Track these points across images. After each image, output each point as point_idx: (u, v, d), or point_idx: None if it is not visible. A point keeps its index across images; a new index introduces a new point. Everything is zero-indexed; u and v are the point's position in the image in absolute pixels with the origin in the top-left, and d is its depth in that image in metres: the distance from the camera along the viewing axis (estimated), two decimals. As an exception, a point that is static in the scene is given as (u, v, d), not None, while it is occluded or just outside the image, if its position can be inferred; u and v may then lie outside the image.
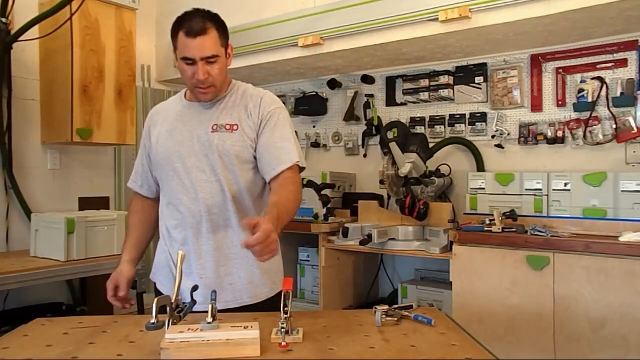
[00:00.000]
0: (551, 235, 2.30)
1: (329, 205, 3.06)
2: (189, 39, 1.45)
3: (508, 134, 2.96)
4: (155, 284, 1.70)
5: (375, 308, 1.32)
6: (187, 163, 1.55)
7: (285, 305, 1.18)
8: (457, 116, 3.15)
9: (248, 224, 1.16)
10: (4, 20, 2.79)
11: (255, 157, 1.56)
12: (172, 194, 1.59)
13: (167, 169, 1.59)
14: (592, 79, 2.69)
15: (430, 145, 3.08)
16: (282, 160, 1.52)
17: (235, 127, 1.54)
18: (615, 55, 2.64)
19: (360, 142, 3.52)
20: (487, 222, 2.47)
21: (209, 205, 1.53)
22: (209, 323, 1.12)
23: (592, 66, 2.71)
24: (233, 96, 1.61)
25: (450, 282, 2.52)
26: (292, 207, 1.44)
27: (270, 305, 1.52)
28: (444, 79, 3.14)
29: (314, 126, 3.75)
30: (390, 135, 2.96)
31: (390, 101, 3.42)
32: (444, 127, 3.20)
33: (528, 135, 2.88)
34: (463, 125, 3.12)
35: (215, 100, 1.59)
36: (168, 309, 1.17)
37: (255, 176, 1.59)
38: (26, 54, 3.03)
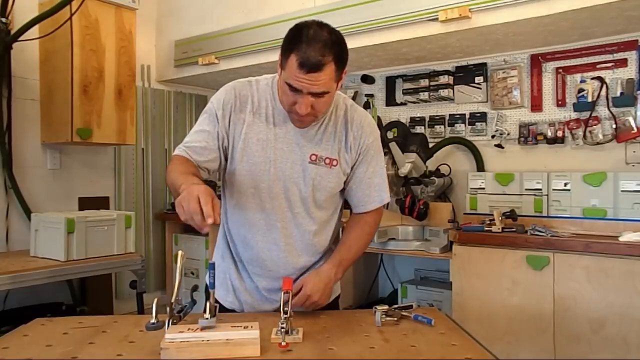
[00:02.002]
0: (551, 235, 2.30)
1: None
2: (301, 72, 1.24)
3: (508, 134, 2.96)
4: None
5: (375, 308, 1.31)
6: (274, 188, 1.42)
7: (285, 306, 1.18)
8: (457, 116, 3.14)
9: (296, 286, 1.29)
10: (4, 20, 2.80)
11: (343, 185, 1.50)
12: (247, 212, 1.45)
13: (248, 185, 1.43)
14: (592, 79, 2.69)
15: (430, 145, 3.08)
16: (372, 199, 1.50)
17: (334, 163, 1.43)
18: (615, 55, 2.64)
19: (360, 142, 3.51)
20: (487, 222, 2.47)
21: (286, 235, 1.45)
22: (207, 319, 1.12)
23: (592, 66, 2.70)
24: (333, 118, 1.45)
25: (450, 282, 2.52)
26: (361, 246, 1.52)
27: (329, 309, 1.51)
28: (444, 79, 3.14)
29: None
30: (390, 135, 2.96)
31: (390, 101, 3.42)
32: (444, 127, 3.20)
33: (528, 135, 2.88)
34: (463, 125, 3.12)
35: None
36: (168, 309, 1.17)
37: (338, 202, 1.53)
38: (26, 54, 3.03)
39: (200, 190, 1.13)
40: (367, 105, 3.45)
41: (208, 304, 1.16)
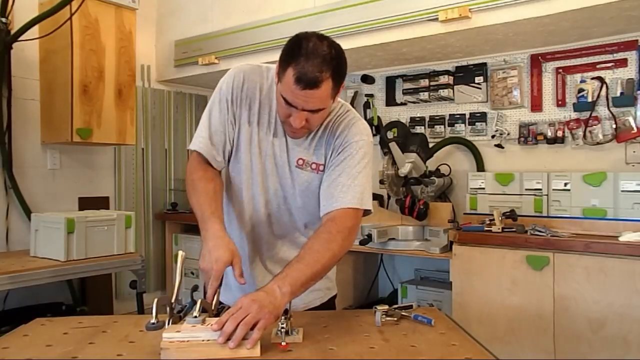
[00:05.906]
0: (551, 235, 2.30)
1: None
2: (298, 88, 1.21)
3: (508, 134, 2.96)
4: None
5: (375, 308, 1.31)
6: (266, 185, 1.43)
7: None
8: (457, 116, 3.14)
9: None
10: (4, 20, 2.79)
11: None
12: (239, 209, 1.48)
13: (244, 178, 1.44)
14: (592, 79, 2.69)
15: (430, 145, 3.08)
16: (335, 199, 1.34)
17: (321, 168, 1.41)
18: (615, 55, 2.64)
19: (360, 142, 3.51)
20: (487, 222, 2.47)
21: (276, 237, 1.47)
22: (195, 317, 1.12)
23: (592, 66, 2.70)
24: (325, 123, 1.41)
25: (450, 282, 2.52)
26: (317, 258, 1.26)
27: (324, 309, 1.51)
28: (444, 79, 3.14)
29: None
30: (390, 135, 2.97)
31: (390, 101, 3.42)
32: (444, 127, 3.20)
33: (528, 135, 2.88)
34: (463, 125, 3.12)
35: None
36: (168, 309, 1.17)
37: None
38: (26, 54, 3.03)
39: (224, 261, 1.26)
40: (367, 105, 3.45)
41: (199, 302, 1.16)
